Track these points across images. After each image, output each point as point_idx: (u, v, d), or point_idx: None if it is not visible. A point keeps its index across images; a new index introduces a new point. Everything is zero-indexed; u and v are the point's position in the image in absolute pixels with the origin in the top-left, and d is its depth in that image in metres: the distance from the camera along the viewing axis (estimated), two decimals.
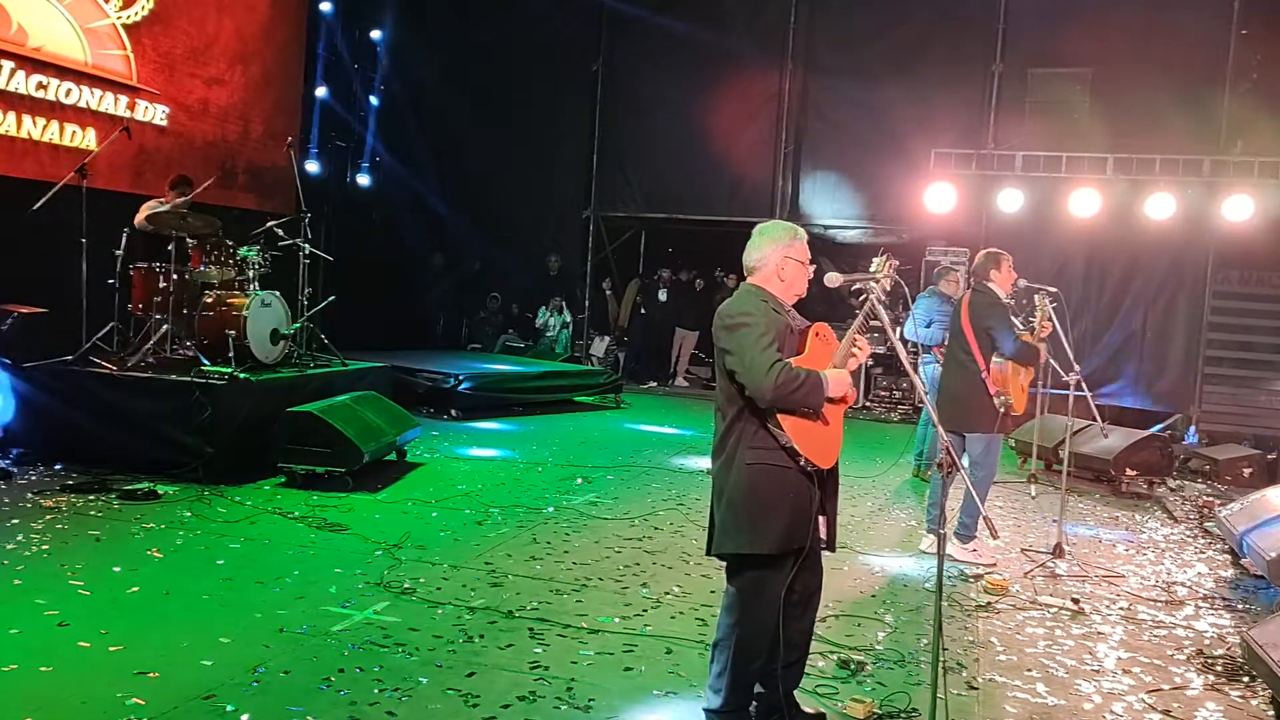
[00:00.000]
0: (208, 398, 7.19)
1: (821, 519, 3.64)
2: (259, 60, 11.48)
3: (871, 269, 3.68)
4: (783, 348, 3.49)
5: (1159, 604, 5.86)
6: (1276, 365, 11.93)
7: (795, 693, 3.87)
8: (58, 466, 7.25)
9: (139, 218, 8.13)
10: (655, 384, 14.95)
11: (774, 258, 3.65)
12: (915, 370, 3.62)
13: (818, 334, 3.62)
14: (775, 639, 3.58)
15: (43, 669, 3.97)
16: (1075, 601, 5.72)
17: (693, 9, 14.48)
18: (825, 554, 3.80)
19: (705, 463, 8.68)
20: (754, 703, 3.78)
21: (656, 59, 14.73)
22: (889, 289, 3.66)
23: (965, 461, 6.30)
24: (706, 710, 3.71)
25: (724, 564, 3.71)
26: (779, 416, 3.44)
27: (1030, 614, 5.50)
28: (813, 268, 3.75)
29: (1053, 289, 6.79)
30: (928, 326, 8.45)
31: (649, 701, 4.06)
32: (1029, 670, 4.68)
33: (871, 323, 3.70)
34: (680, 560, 6.08)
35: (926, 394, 4.89)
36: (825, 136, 14.16)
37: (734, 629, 3.61)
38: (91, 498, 6.55)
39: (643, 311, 15.26)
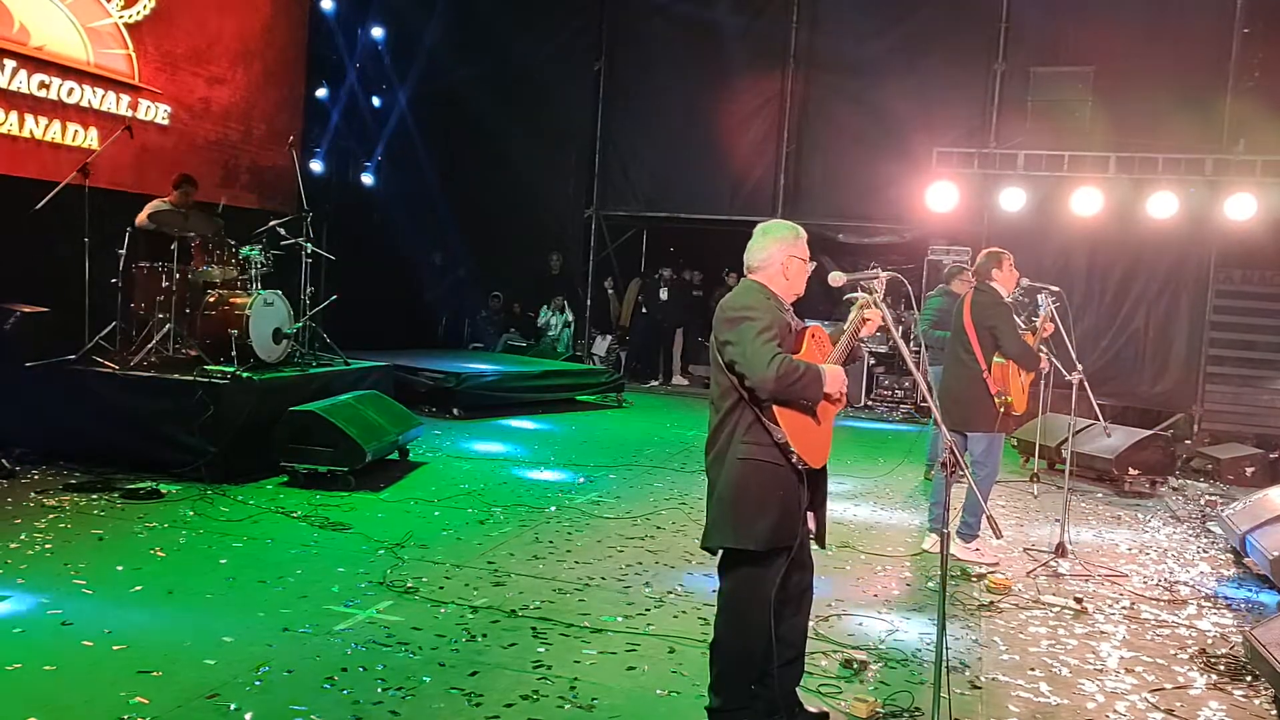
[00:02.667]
0: (210, 397, 7.20)
1: (810, 514, 3.66)
2: (261, 59, 11.47)
3: (869, 287, 3.70)
4: (781, 343, 3.51)
5: (1162, 603, 5.86)
6: (1278, 364, 11.92)
7: (799, 691, 3.87)
8: (61, 465, 7.24)
9: (141, 217, 8.14)
10: (657, 383, 14.95)
11: (778, 256, 3.68)
12: (919, 368, 3.61)
13: (813, 336, 3.66)
14: (770, 637, 3.59)
15: (46, 668, 3.97)
16: (1078, 601, 5.71)
17: (694, 9, 14.48)
18: (826, 553, 3.81)
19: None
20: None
21: (658, 59, 14.74)
22: (879, 301, 3.68)
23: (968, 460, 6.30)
24: (708, 709, 3.71)
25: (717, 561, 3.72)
26: (775, 410, 3.46)
27: (1033, 613, 5.50)
28: (812, 265, 3.78)
29: (1055, 288, 6.79)
30: (935, 326, 8.40)
31: (651, 701, 4.06)
32: (1032, 669, 4.67)
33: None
34: (683, 559, 6.08)
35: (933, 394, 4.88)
36: (827, 135, 14.15)
37: (728, 628, 3.62)
38: (94, 497, 6.56)
39: (644, 311, 15.26)
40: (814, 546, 3.81)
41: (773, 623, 3.58)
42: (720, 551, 3.66)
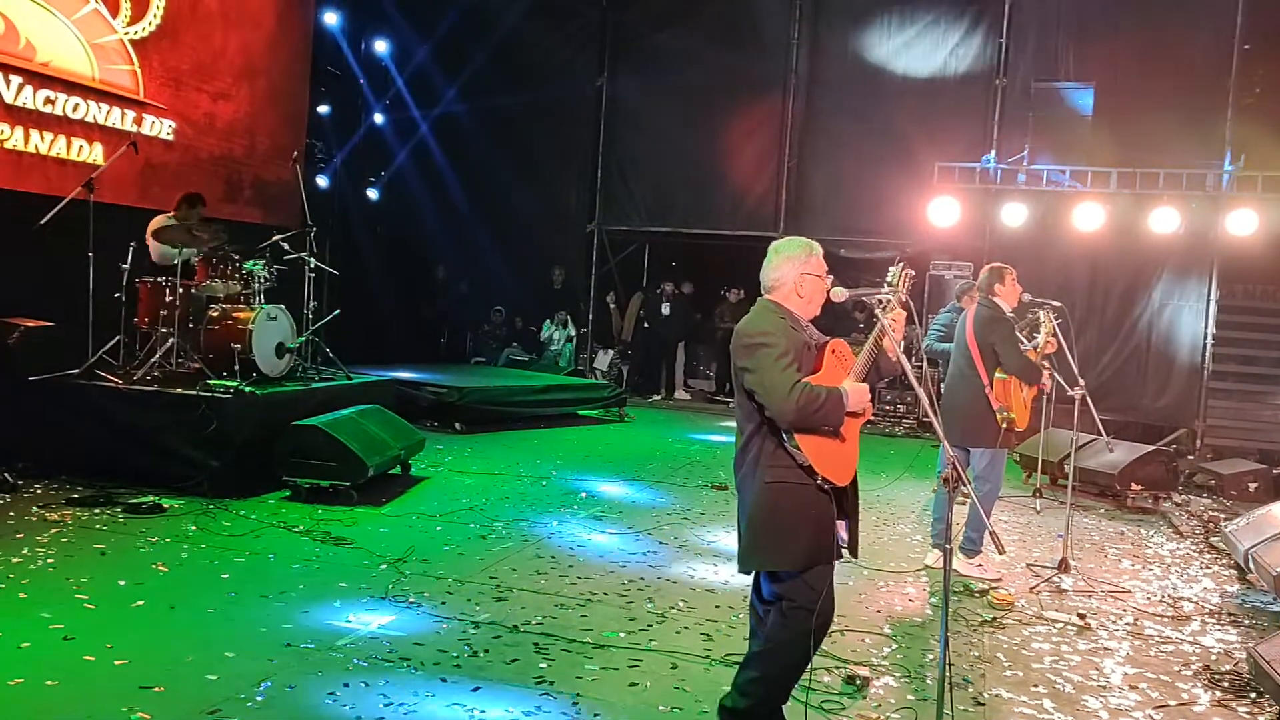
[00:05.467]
0: (213, 411, 7.20)
1: (842, 523, 3.64)
2: (265, 75, 11.53)
3: (888, 278, 3.66)
4: (800, 366, 3.49)
5: (1165, 619, 5.85)
6: None
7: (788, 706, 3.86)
8: (63, 480, 7.24)
9: (152, 228, 8.18)
10: (659, 397, 14.96)
11: (791, 275, 3.64)
12: (919, 383, 3.60)
13: (834, 351, 3.60)
14: (809, 649, 3.59)
15: (48, 683, 3.97)
16: (1081, 617, 5.70)
17: (695, 24, 14.57)
18: (839, 565, 3.78)
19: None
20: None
21: (659, 74, 14.80)
22: (905, 300, 3.63)
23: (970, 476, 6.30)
24: (728, 708, 3.67)
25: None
26: (797, 435, 3.44)
27: (1036, 629, 5.49)
28: (830, 279, 3.72)
29: (1057, 304, 6.79)
30: (940, 340, 8.41)
31: (654, 717, 4.05)
32: (1035, 686, 4.66)
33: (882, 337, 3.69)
34: (685, 575, 6.07)
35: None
36: (828, 151, 14.19)
37: (783, 642, 3.59)
38: (97, 511, 6.55)
39: (646, 325, 15.28)
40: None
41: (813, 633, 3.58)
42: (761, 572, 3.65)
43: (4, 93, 8.45)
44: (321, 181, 13.40)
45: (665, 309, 15.04)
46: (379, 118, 14.60)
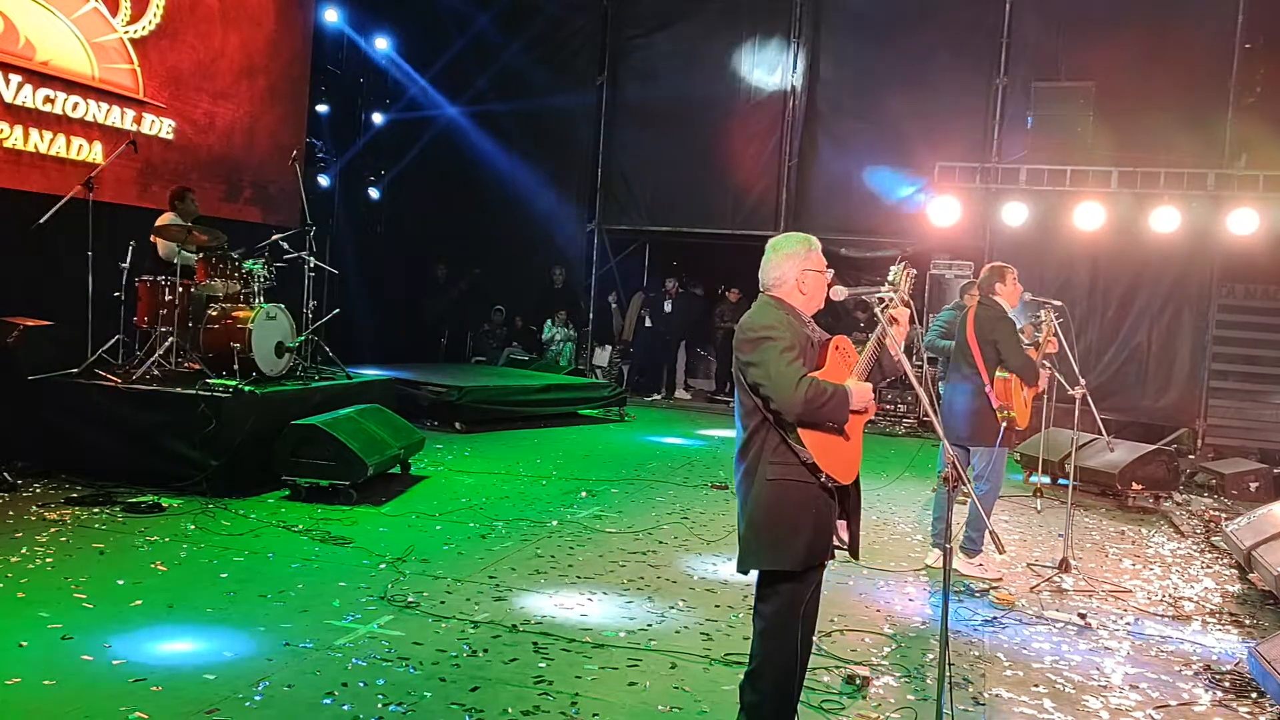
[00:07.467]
0: (212, 410, 7.20)
1: (842, 523, 3.61)
2: (265, 74, 11.52)
3: (889, 278, 3.64)
4: (804, 361, 3.45)
5: (1166, 619, 5.84)
6: None
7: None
8: (62, 479, 7.24)
9: (158, 226, 8.18)
10: (659, 396, 14.95)
11: (791, 272, 3.59)
12: (920, 382, 3.59)
13: (837, 347, 3.57)
14: (798, 652, 3.56)
15: (46, 682, 3.96)
16: (1082, 616, 5.69)
17: (696, 23, 14.56)
18: (827, 568, 3.77)
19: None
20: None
21: (660, 73, 14.79)
22: (908, 300, 3.61)
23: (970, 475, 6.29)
24: None
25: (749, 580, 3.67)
26: (800, 432, 3.40)
27: (1037, 629, 5.48)
28: (830, 273, 3.68)
29: (1058, 303, 6.78)
30: (941, 338, 8.42)
31: (653, 717, 4.04)
32: (1036, 686, 4.65)
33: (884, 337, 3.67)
34: (684, 574, 6.06)
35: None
36: (829, 150, 14.17)
37: (772, 652, 3.54)
38: (96, 510, 6.55)
39: (647, 324, 15.27)
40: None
41: (801, 636, 3.55)
42: (756, 574, 3.61)
43: (3, 92, 8.44)
44: (322, 181, 13.38)
45: (667, 306, 15.01)
46: (379, 117, 14.59)
